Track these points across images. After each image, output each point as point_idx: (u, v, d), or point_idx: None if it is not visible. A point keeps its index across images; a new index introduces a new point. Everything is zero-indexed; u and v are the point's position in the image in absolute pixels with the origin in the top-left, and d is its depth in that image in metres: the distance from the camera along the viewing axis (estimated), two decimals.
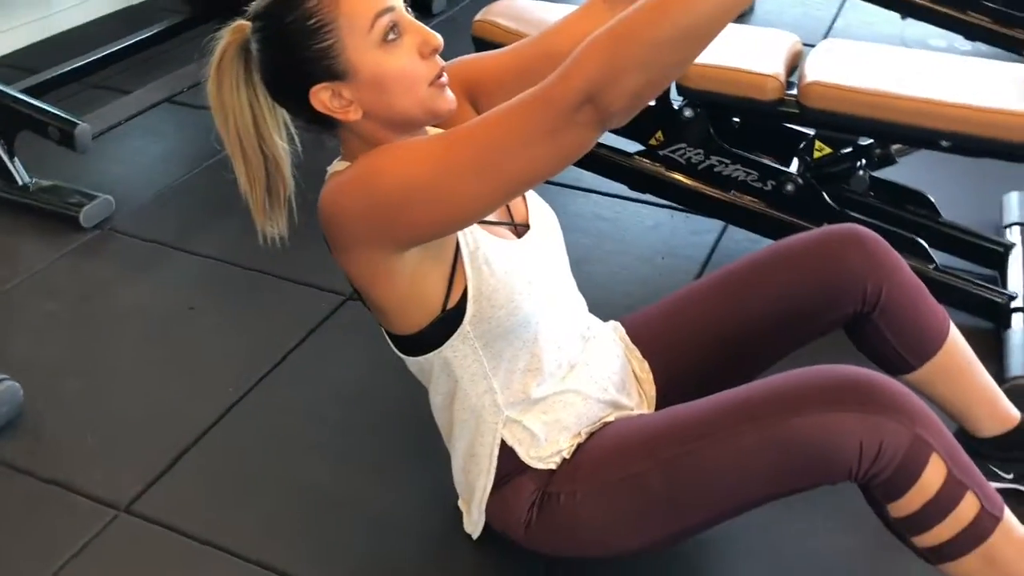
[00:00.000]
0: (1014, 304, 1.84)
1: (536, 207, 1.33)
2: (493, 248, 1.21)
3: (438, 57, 1.15)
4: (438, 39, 1.14)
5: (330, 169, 1.23)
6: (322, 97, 1.13)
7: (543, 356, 1.27)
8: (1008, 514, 1.15)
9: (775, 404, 1.16)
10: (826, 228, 1.42)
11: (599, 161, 2.05)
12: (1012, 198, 2.21)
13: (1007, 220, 2.15)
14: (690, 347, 1.44)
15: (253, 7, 1.16)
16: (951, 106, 1.74)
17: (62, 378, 1.80)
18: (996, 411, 1.47)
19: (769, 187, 1.95)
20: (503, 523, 1.35)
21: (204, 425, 1.69)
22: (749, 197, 1.97)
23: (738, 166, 1.96)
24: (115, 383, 1.80)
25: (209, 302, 2.02)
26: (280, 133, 1.22)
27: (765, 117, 1.95)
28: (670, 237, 2.20)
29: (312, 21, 1.10)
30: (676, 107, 1.96)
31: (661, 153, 2.00)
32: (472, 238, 1.19)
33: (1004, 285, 1.92)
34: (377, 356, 1.84)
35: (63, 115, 2.31)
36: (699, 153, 1.97)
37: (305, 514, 1.53)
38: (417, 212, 1.09)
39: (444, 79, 1.16)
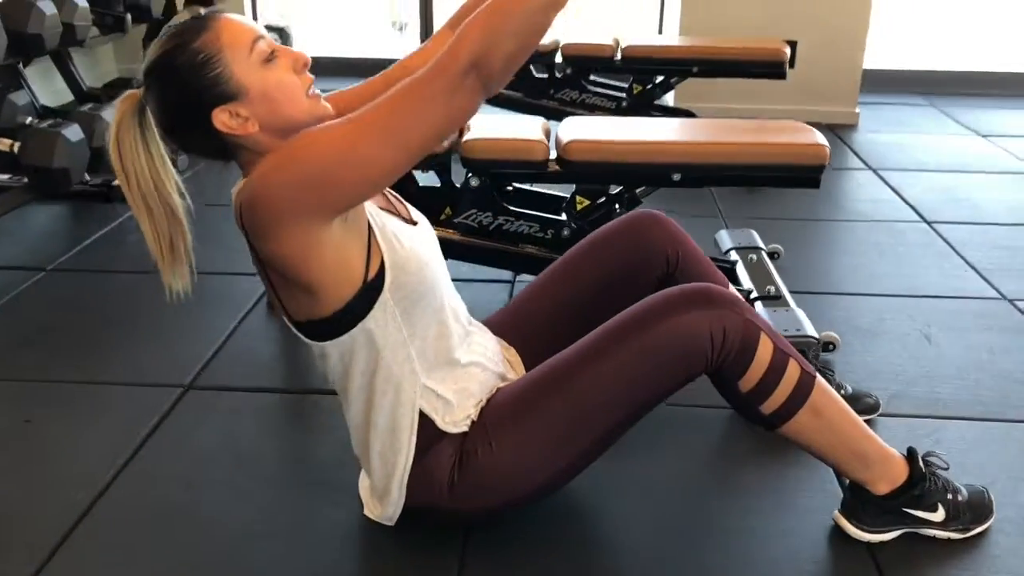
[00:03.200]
0: (752, 296, 2.33)
1: (416, 211, 1.57)
2: (397, 226, 1.43)
3: (308, 72, 1.38)
4: (307, 56, 1.38)
5: (234, 190, 1.38)
6: (222, 118, 1.32)
7: (448, 324, 1.49)
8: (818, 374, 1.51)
9: (638, 322, 1.47)
10: (630, 213, 1.79)
11: None
12: (723, 234, 2.77)
13: (724, 249, 2.68)
14: (545, 324, 1.71)
15: (143, 67, 1.33)
16: (677, 144, 2.24)
17: None
18: None
19: (549, 235, 2.32)
20: (426, 492, 1.48)
21: (73, 517, 1.63)
22: (533, 247, 2.33)
23: (521, 221, 2.31)
24: None
25: (45, 415, 1.96)
26: (176, 190, 1.37)
27: (537, 178, 2.33)
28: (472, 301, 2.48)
29: (201, 56, 1.29)
30: (464, 180, 2.30)
31: (455, 221, 2.32)
32: (379, 219, 1.40)
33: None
34: (235, 430, 1.93)
35: None
36: (488, 215, 2.31)
37: (211, 561, 1.55)
38: (340, 177, 1.27)
39: (317, 91, 1.38)
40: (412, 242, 1.44)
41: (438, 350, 1.48)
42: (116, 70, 4.68)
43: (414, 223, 1.52)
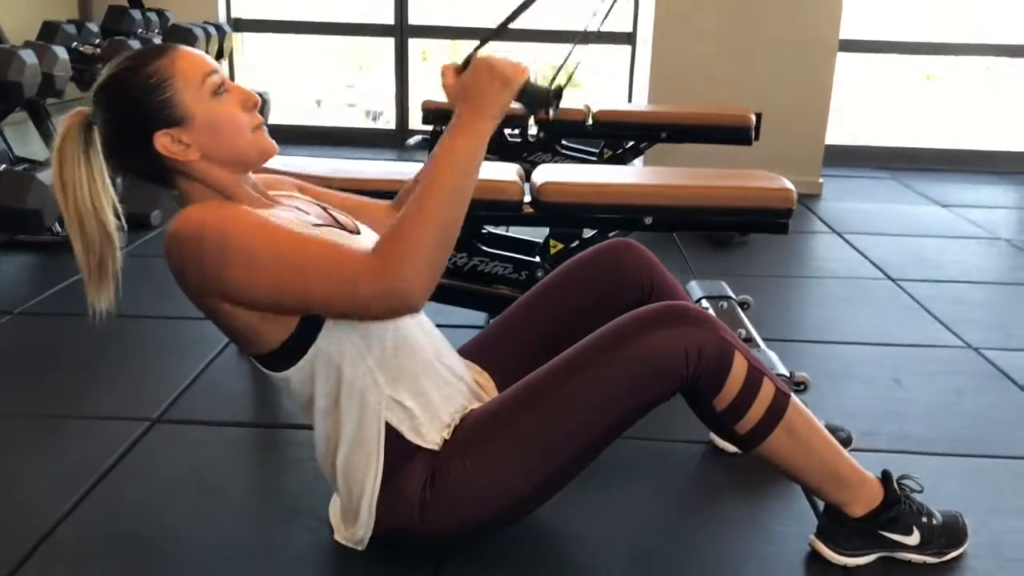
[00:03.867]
0: None
1: (360, 224, 1.57)
2: (336, 235, 1.42)
3: (257, 113, 1.40)
4: (256, 95, 1.41)
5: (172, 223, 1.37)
6: (163, 141, 1.34)
7: (408, 332, 1.47)
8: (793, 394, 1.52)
9: (613, 339, 1.47)
10: (605, 242, 1.81)
11: None
12: (693, 284, 2.80)
13: (695, 297, 2.71)
14: (520, 350, 1.70)
15: (96, 83, 1.36)
16: (649, 186, 2.28)
17: None
18: None
19: (523, 276, 2.34)
20: (397, 514, 1.45)
21: (30, 544, 1.57)
22: (508, 288, 2.34)
23: (496, 262, 2.33)
24: None
25: (3, 447, 1.91)
26: (112, 210, 1.37)
27: (511, 220, 2.36)
28: None
29: (152, 79, 1.33)
30: None
31: None
32: (317, 235, 1.38)
33: None
34: (203, 461, 1.89)
35: None
36: (463, 256, 2.33)
37: None
38: (233, 273, 1.29)
39: (264, 129, 1.41)
40: (355, 245, 1.42)
41: (401, 359, 1.46)
42: None
43: (357, 232, 1.52)
